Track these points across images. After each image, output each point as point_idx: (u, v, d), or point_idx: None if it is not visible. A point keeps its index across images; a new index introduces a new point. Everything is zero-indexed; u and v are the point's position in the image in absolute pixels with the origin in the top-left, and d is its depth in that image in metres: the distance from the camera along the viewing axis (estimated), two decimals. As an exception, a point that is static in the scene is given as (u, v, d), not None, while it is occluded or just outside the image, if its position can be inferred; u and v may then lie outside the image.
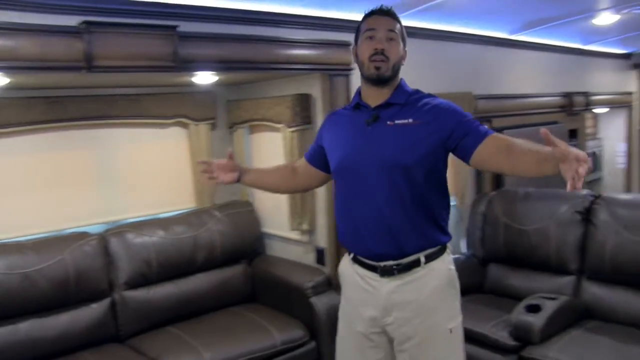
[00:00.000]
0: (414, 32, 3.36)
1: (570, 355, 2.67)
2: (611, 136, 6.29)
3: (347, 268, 2.11)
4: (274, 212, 3.54)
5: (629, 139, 6.14)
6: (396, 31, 1.96)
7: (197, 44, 2.58)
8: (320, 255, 3.26)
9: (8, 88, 2.64)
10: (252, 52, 2.76)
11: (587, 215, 3.25)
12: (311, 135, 3.17)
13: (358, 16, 3.02)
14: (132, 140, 3.39)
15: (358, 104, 2.03)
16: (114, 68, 2.38)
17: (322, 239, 3.24)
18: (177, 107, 3.41)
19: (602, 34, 4.75)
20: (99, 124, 3.21)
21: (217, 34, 2.66)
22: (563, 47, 4.97)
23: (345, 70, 3.05)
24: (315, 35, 2.97)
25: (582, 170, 1.47)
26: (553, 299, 2.94)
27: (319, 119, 3.13)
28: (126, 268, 3.04)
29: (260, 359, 2.82)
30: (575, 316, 3.02)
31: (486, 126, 1.90)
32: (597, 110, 5.82)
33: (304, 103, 3.15)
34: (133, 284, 3.06)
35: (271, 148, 3.45)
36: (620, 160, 6.20)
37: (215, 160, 2.29)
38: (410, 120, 1.91)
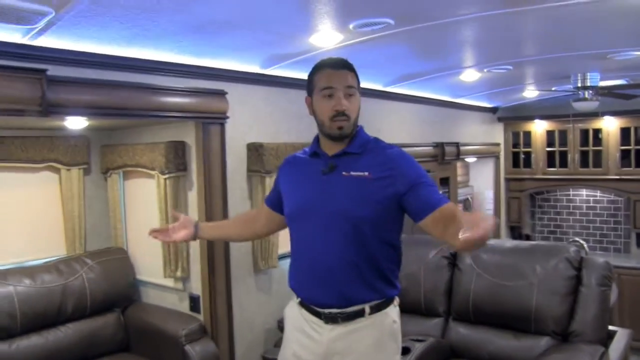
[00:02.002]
0: (290, 83, 3.52)
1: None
2: (480, 184, 6.75)
3: (293, 311, 2.09)
4: (148, 259, 3.49)
5: (496, 187, 6.63)
6: (354, 85, 1.94)
7: (67, 88, 2.52)
8: (194, 302, 3.24)
9: None
10: (124, 98, 2.74)
11: (453, 260, 3.46)
12: (185, 182, 3.20)
13: (233, 65, 3.16)
14: (-1, 184, 3.25)
15: (315, 152, 2.03)
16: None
17: (197, 286, 3.23)
18: (47, 151, 3.30)
19: (469, 89, 5.14)
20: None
21: (89, 79, 2.62)
22: (435, 99, 5.31)
23: (220, 119, 3.12)
24: (189, 83, 3.01)
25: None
26: (421, 340, 3.08)
27: (194, 166, 3.16)
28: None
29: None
30: (443, 356, 3.18)
31: (439, 194, 1.91)
32: (467, 160, 6.25)
33: (178, 150, 3.17)
34: (-8, 338, 2.88)
35: (145, 194, 3.42)
36: (488, 207, 6.64)
37: (169, 225, 2.28)
38: (367, 173, 1.90)
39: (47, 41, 2.47)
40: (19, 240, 3.34)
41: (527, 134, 6.56)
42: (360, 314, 1.95)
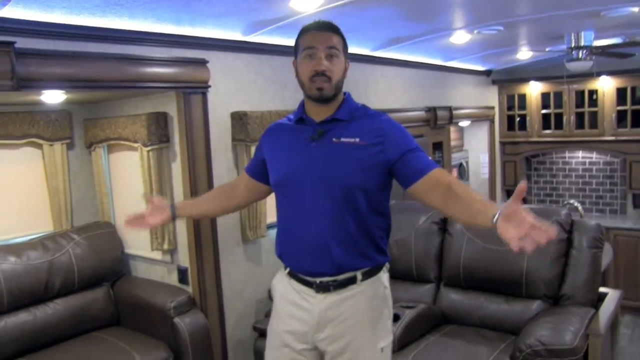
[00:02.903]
0: (273, 50, 3.44)
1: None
2: (475, 148, 6.69)
3: (282, 283, 2.08)
4: (136, 232, 3.44)
5: (491, 150, 6.56)
6: (337, 47, 1.90)
7: (38, 61, 2.45)
8: (182, 274, 3.22)
9: None
10: (102, 70, 2.67)
11: (443, 226, 3.43)
12: (168, 154, 3.15)
13: (214, 32, 3.08)
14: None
15: (302, 118, 1.98)
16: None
17: (184, 258, 3.21)
18: (28, 126, 3.25)
19: (461, 51, 5.04)
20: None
21: (61, 52, 2.55)
22: (426, 63, 5.21)
23: (202, 88, 3.05)
24: (169, 53, 2.94)
25: (539, 237, 1.43)
26: (411, 307, 3.07)
27: (177, 137, 3.11)
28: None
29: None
30: (433, 322, 3.17)
31: (430, 158, 1.89)
32: (461, 124, 6.18)
33: (160, 121, 3.11)
34: (-21, 316, 2.87)
35: (130, 167, 3.37)
36: (484, 171, 6.60)
37: (145, 211, 2.20)
38: (357, 140, 1.88)
39: (14, 12, 2.38)
40: (4, 218, 3.31)
41: (522, 97, 6.46)
42: (352, 281, 1.95)
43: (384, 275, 2.04)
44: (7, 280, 2.97)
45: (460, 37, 4.28)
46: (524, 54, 5.56)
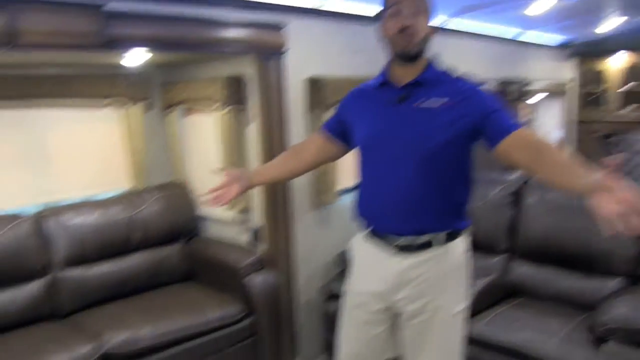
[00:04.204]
0: (349, 17, 3.43)
1: (494, 329, 2.79)
2: (548, 124, 6.49)
3: (361, 243, 2.12)
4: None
5: (565, 128, 6.34)
6: (422, 6, 1.90)
7: (124, 22, 2.54)
8: (255, 235, 3.31)
9: None
10: (183, 32, 2.73)
11: (517, 198, 3.37)
12: (244, 118, 3.22)
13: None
14: (65, 121, 3.35)
15: (384, 82, 1.99)
16: (37, 45, 2.34)
17: (257, 219, 3.28)
18: (110, 88, 3.37)
19: (539, 21, 4.87)
20: (29, 105, 3.15)
21: (147, 13, 2.63)
22: (499, 37, 5.08)
23: (278, 53, 3.08)
24: (247, 17, 2.97)
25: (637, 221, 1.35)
26: (482, 277, 3.05)
27: (253, 100, 3.16)
28: (62, 248, 3.06)
29: (196, 334, 2.88)
30: (503, 294, 3.14)
31: (515, 120, 1.86)
32: (533, 99, 5.99)
33: (236, 85, 3.17)
34: (70, 263, 3.09)
35: (205, 130, 3.47)
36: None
37: (221, 186, 2.24)
38: (440, 103, 1.87)
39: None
40: (86, 175, 3.47)
41: (600, 73, 6.19)
42: (432, 243, 1.95)
43: (464, 240, 2.04)
44: (92, 233, 3.16)
45: (540, 6, 4.14)
46: (608, 26, 5.28)
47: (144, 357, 2.71)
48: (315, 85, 3.24)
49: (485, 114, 1.84)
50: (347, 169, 2.95)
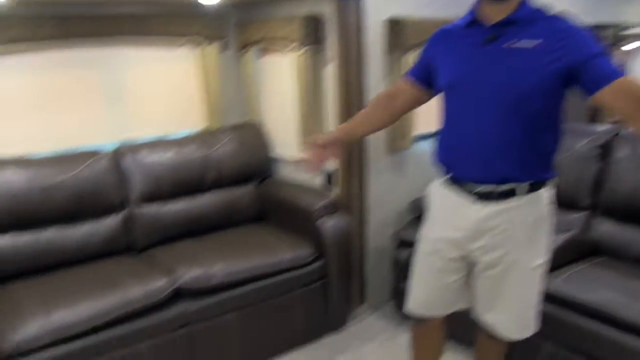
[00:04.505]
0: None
1: (572, 287, 2.69)
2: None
3: (439, 189, 2.07)
4: (284, 134, 3.55)
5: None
6: None
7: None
8: (328, 178, 3.29)
9: (18, 5, 2.63)
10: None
11: (605, 151, 3.18)
12: (321, 58, 3.15)
13: None
14: (143, 60, 3.38)
15: (473, 21, 1.88)
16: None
17: (331, 162, 3.24)
18: (187, 27, 3.36)
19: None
20: (108, 43, 3.20)
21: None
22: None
23: (358, -8, 2.97)
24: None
25: None
26: (561, 232, 2.93)
27: (330, 41, 3.08)
28: (138, 184, 3.14)
29: (268, 274, 2.91)
30: (583, 251, 3.02)
31: (616, 65, 1.73)
32: (631, 45, 5.57)
33: (314, 24, 3.09)
34: (145, 200, 3.17)
35: (281, 71, 3.42)
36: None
37: (311, 153, 2.21)
38: (534, 44, 1.74)
39: None
40: (162, 114, 3.52)
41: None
42: (514, 193, 1.88)
43: (548, 192, 1.95)
44: (167, 170, 3.21)
45: None
46: None
47: (215, 293, 2.77)
48: (396, 26, 3.11)
49: (585, 58, 1.70)
50: (424, 114, 2.86)
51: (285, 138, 3.53)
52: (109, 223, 3.04)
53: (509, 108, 1.79)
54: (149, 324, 2.56)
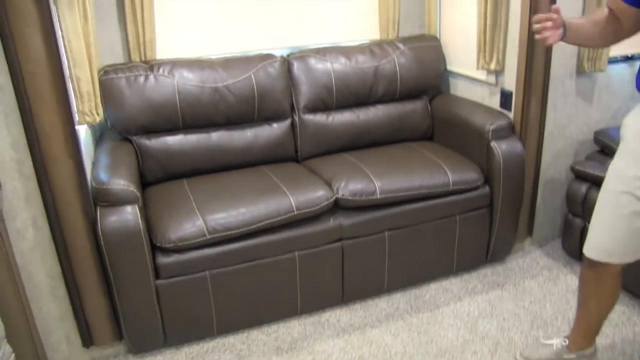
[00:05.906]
0: None
1: None
2: None
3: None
4: (461, 48, 3.31)
5: None
6: None
7: None
8: (505, 98, 3.03)
9: None
10: None
11: None
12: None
13: None
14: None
15: None
16: None
17: (511, 81, 2.97)
18: None
19: None
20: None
21: None
22: None
23: None
24: None
25: None
26: None
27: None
28: (307, 92, 3.12)
29: (430, 195, 2.80)
30: None
31: None
32: None
33: None
34: (313, 108, 3.15)
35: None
36: None
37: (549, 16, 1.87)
38: None
39: None
40: (336, 21, 3.43)
41: None
42: None
43: None
44: (337, 79, 3.15)
45: None
46: None
47: (375, 209, 2.73)
48: None
49: None
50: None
51: (463, 52, 3.30)
52: (274, 129, 3.09)
53: None
54: (304, 233, 2.60)
